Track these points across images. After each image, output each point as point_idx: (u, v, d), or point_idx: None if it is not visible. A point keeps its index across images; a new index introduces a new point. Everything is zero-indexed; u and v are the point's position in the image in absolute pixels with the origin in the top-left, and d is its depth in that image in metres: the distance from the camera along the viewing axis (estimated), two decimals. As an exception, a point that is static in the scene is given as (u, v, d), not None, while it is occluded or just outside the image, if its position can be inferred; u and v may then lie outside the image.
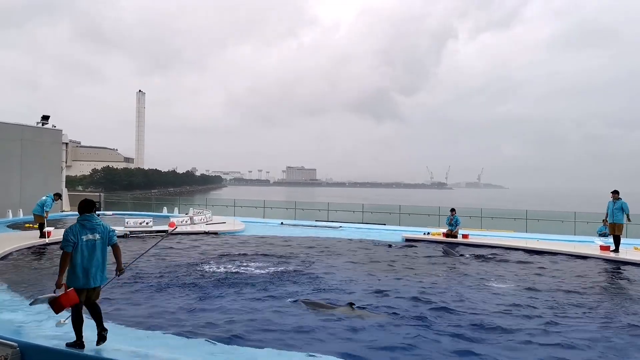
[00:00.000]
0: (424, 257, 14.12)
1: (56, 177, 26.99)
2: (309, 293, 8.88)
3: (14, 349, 5.13)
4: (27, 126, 25.91)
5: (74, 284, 5.14)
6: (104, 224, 5.44)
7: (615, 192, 14.47)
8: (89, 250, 5.19)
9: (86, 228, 5.27)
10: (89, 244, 5.21)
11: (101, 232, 5.33)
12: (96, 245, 5.25)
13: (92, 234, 5.24)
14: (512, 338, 6.51)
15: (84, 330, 5.25)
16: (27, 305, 7.36)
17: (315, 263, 12.30)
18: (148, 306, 7.74)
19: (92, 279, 5.21)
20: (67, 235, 5.17)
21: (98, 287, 5.35)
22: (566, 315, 7.75)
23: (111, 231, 5.46)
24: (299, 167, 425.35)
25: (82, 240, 5.18)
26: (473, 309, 8.03)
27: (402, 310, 7.77)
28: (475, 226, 23.28)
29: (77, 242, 5.15)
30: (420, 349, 6.01)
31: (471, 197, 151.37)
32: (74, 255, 5.14)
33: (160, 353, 5.25)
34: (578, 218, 22.67)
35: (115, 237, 5.48)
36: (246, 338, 6.23)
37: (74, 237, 5.16)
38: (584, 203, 74.50)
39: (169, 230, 16.88)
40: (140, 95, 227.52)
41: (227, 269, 11.06)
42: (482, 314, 7.72)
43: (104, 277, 5.38)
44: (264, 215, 29.40)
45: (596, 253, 14.28)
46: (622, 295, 9.55)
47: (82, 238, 5.18)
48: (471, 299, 8.72)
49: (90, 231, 5.25)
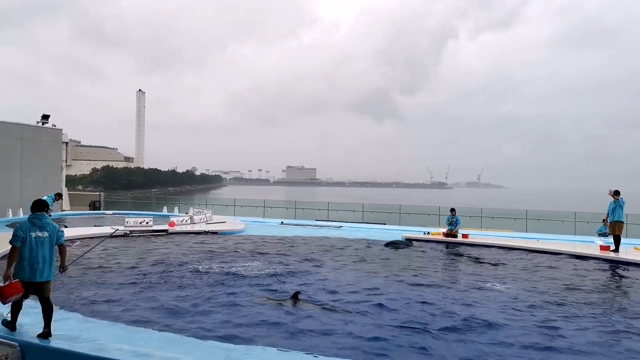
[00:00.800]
0: (424, 256, 14.13)
1: (56, 176, 27.00)
2: (307, 292, 8.89)
3: (14, 348, 5.13)
4: (27, 125, 25.92)
5: (19, 276, 5.45)
6: (53, 223, 5.80)
7: (616, 192, 14.50)
8: (37, 247, 5.50)
9: (36, 226, 5.60)
10: (37, 240, 5.53)
11: (50, 230, 5.67)
12: (44, 242, 5.58)
13: (40, 232, 5.58)
14: (507, 337, 6.52)
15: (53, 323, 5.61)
16: (27, 305, 7.36)
17: (315, 263, 12.30)
18: (147, 306, 7.74)
19: (39, 274, 5.50)
20: (16, 231, 5.52)
21: (47, 282, 5.61)
22: (566, 315, 7.75)
23: (60, 231, 5.82)
24: (299, 166, 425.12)
25: (31, 236, 5.51)
26: (468, 307, 8.03)
27: (387, 309, 7.80)
28: (475, 226, 23.29)
29: (25, 238, 5.48)
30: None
31: (471, 197, 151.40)
32: (22, 250, 5.46)
33: (160, 352, 5.25)
34: (578, 218, 22.68)
35: (63, 238, 5.84)
36: (245, 337, 6.24)
37: (22, 233, 5.49)
38: (584, 203, 74.49)
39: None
40: (140, 94, 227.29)
41: (227, 269, 11.05)
42: (479, 312, 7.72)
43: (50, 273, 5.64)
44: (264, 215, 29.41)
45: (596, 253, 14.28)
46: (622, 295, 9.55)
47: (31, 235, 5.52)
48: (465, 299, 8.72)
49: (39, 229, 5.60)
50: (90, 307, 7.51)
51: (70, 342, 5.39)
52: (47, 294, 5.61)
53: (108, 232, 16.91)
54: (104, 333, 6.07)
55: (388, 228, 22.38)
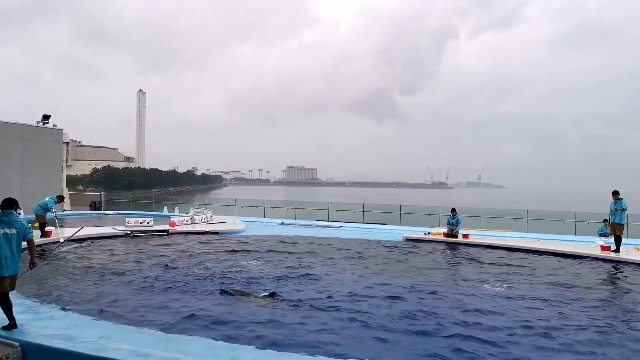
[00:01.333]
0: (425, 257, 14.13)
1: (57, 176, 26.99)
2: (306, 292, 8.89)
3: (15, 348, 5.14)
4: (28, 125, 25.91)
5: None
6: (21, 220, 6.08)
7: (616, 193, 14.47)
8: (5, 243, 5.79)
9: (4, 223, 5.88)
10: (6, 237, 5.82)
11: (18, 228, 5.95)
12: (12, 239, 5.86)
13: (9, 229, 5.86)
14: (507, 337, 6.52)
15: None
16: (28, 305, 7.38)
17: (314, 262, 12.30)
18: (147, 305, 7.74)
19: (5, 268, 5.77)
20: None
21: (13, 276, 5.91)
22: (565, 316, 7.75)
23: (27, 228, 6.11)
24: (300, 166, 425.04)
25: (0, 233, 5.79)
26: (466, 307, 8.03)
27: (374, 309, 7.80)
28: (475, 226, 23.29)
29: None
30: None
31: (471, 197, 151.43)
32: None
33: (160, 352, 5.24)
34: (579, 218, 22.68)
35: (31, 234, 6.15)
36: (246, 337, 6.24)
37: None
38: (584, 203, 74.52)
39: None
40: (140, 94, 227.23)
41: (227, 269, 11.06)
42: (478, 312, 7.72)
43: (17, 268, 5.93)
44: (264, 215, 29.42)
45: (597, 253, 14.27)
46: (622, 295, 9.54)
47: (0, 232, 5.79)
48: (464, 299, 8.72)
49: (7, 226, 5.87)
50: (91, 306, 7.51)
51: (70, 341, 5.39)
52: (12, 288, 5.93)
53: (109, 232, 16.95)
54: (104, 333, 6.07)
55: (388, 228, 22.38)
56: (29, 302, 7.62)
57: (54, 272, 10.27)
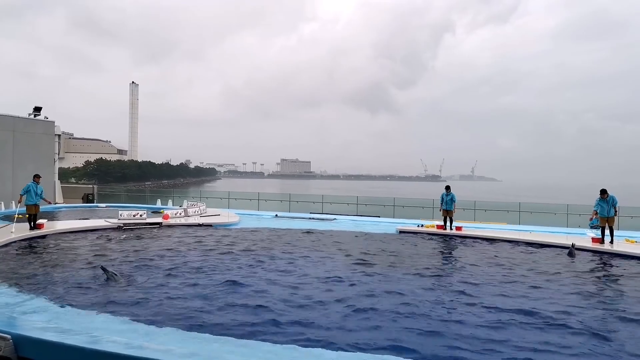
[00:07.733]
0: (417, 248, 14.21)
1: (49, 168, 26.82)
2: (288, 281, 8.92)
3: (7, 340, 5.12)
4: (19, 117, 25.70)
5: None
6: None
7: (603, 192, 14.71)
8: None
9: None
10: None
11: None
12: None
13: None
14: (499, 331, 6.58)
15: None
16: (21, 297, 7.35)
17: (309, 255, 12.34)
18: (140, 298, 7.73)
19: None
20: None
21: None
22: (558, 308, 7.82)
23: None
24: (294, 159, 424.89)
25: None
26: (458, 300, 8.09)
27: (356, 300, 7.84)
28: (468, 218, 23.44)
29: None
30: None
31: (465, 190, 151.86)
32: None
33: (154, 345, 5.25)
34: (571, 210, 22.88)
35: None
36: (240, 331, 6.26)
37: None
38: (576, 195, 75.05)
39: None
40: (133, 86, 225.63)
41: (221, 262, 11.07)
42: (470, 306, 7.78)
43: None
44: (258, 208, 29.43)
45: (588, 245, 14.43)
46: (613, 287, 9.65)
47: None
48: (455, 292, 8.78)
49: None
50: (84, 299, 7.49)
51: (63, 334, 5.38)
52: None
53: (102, 225, 16.89)
54: (97, 326, 6.07)
55: (382, 220, 22.47)
56: (21, 294, 7.59)
57: (45, 265, 10.23)
